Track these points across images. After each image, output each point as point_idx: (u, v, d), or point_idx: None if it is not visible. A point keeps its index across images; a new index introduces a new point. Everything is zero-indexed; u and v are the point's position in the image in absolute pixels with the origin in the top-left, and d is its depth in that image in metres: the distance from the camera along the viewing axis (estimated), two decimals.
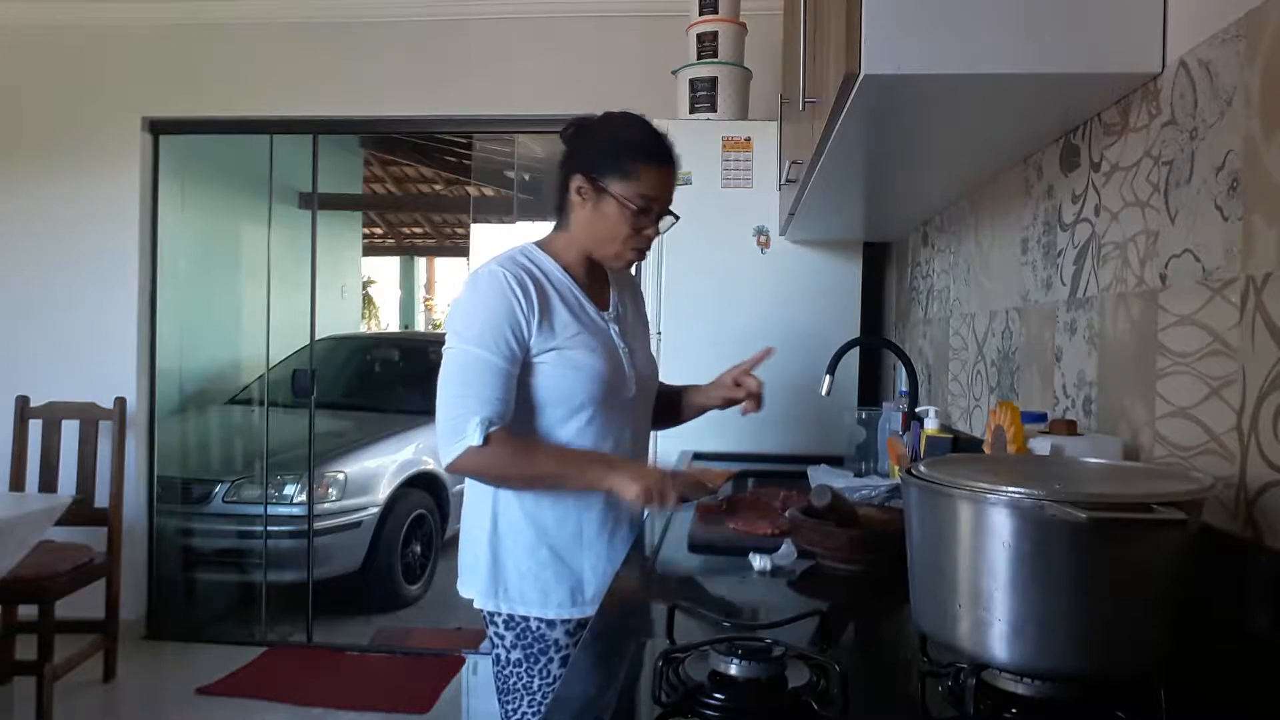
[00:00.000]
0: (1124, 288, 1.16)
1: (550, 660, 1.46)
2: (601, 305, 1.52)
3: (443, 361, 1.41)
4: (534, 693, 1.45)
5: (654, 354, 1.75)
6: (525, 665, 1.46)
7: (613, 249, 1.47)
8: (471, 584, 1.49)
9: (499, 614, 1.47)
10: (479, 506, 1.49)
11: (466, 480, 1.51)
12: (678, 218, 1.50)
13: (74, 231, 3.70)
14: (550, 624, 1.45)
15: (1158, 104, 1.08)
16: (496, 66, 3.53)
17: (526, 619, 1.45)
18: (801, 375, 2.59)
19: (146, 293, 3.76)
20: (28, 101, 3.71)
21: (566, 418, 1.45)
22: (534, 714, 1.46)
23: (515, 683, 1.46)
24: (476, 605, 1.48)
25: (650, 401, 1.64)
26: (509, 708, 1.48)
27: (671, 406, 1.74)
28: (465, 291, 1.43)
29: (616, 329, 1.52)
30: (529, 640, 1.46)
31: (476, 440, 1.34)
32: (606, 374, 1.44)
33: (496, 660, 1.49)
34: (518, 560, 1.45)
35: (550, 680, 1.45)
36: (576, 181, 1.45)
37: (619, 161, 1.42)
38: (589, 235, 1.47)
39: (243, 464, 4.27)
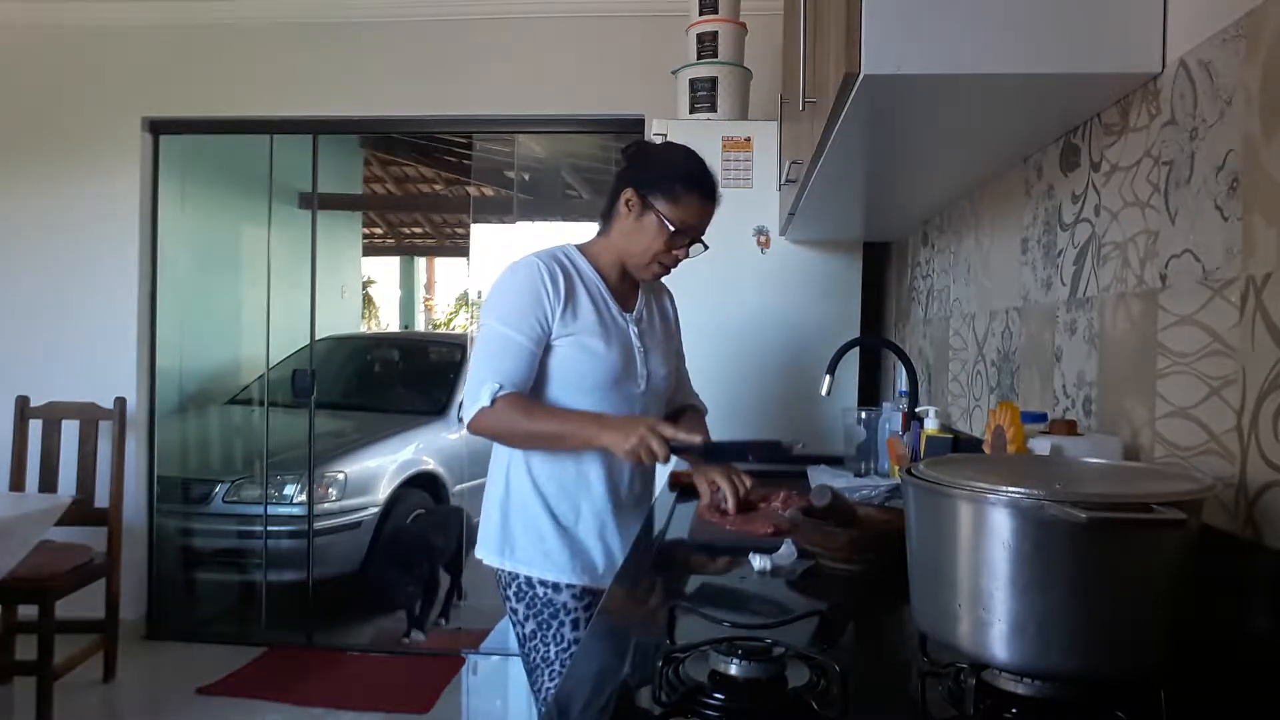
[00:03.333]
0: (1124, 288, 1.16)
1: (562, 625, 1.57)
2: (626, 308, 1.67)
3: (477, 338, 1.60)
4: (552, 663, 1.56)
5: (687, 376, 1.91)
6: (540, 635, 1.57)
7: (643, 261, 1.62)
8: (485, 545, 1.65)
9: (511, 581, 1.60)
10: (496, 474, 1.66)
11: (491, 454, 1.69)
12: (707, 246, 1.65)
13: (74, 231, 3.71)
14: (555, 588, 1.58)
15: (1158, 104, 1.08)
16: (496, 66, 3.53)
17: (533, 585, 1.58)
18: (801, 375, 2.59)
19: (146, 293, 3.76)
20: (28, 101, 3.71)
21: (577, 398, 1.59)
22: (555, 687, 1.54)
23: (535, 658, 1.57)
24: (487, 563, 1.63)
25: (662, 401, 1.76)
26: (535, 685, 1.58)
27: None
28: (503, 276, 1.59)
29: (636, 330, 1.66)
30: (539, 607, 1.58)
31: (486, 402, 1.51)
32: (616, 364, 1.59)
33: (519, 640, 1.60)
34: (524, 525, 1.61)
35: (564, 645, 1.56)
36: (627, 193, 1.60)
37: (670, 184, 1.57)
38: (625, 243, 1.62)
39: (243, 464, 4.27)
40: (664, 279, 1.73)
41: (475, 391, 1.53)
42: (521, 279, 1.57)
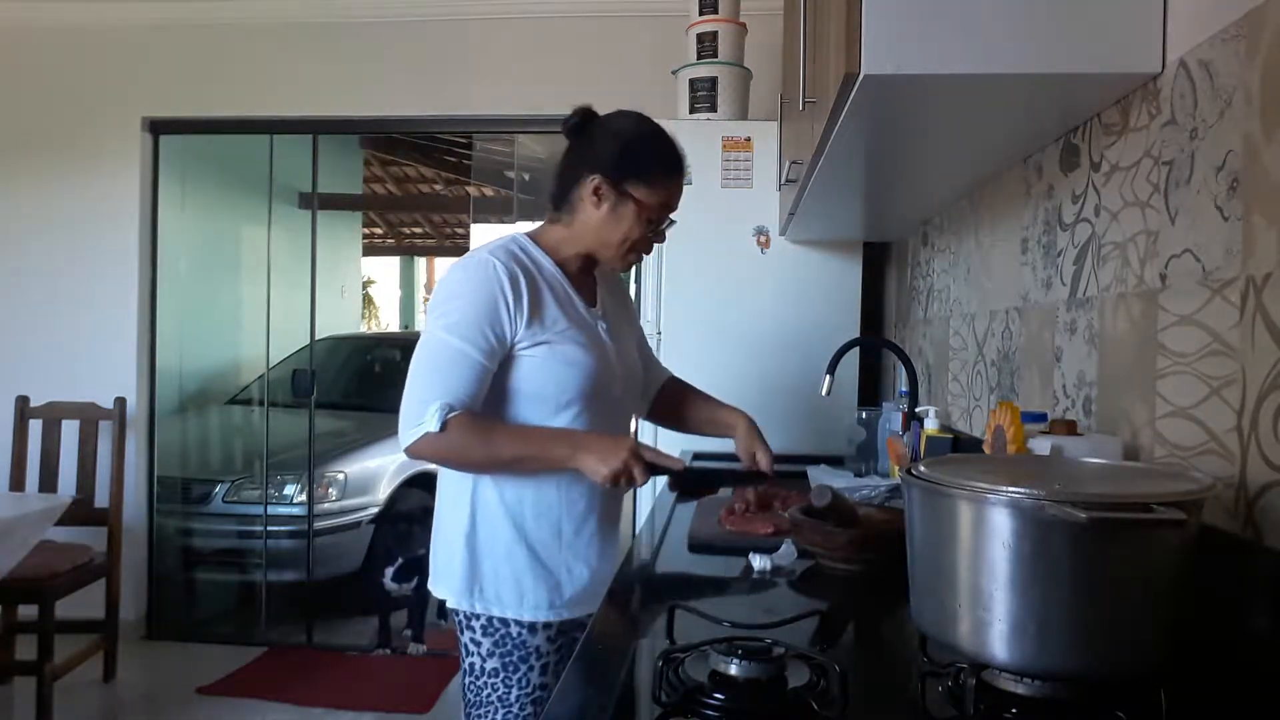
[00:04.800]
0: (1124, 288, 1.16)
1: (531, 669, 1.40)
2: (590, 302, 1.50)
3: (419, 344, 1.39)
4: (510, 705, 1.39)
5: (652, 351, 1.78)
6: (503, 675, 1.40)
7: (620, 251, 1.46)
8: (446, 583, 1.44)
9: (476, 617, 1.42)
10: (456, 503, 1.45)
11: (441, 476, 1.49)
12: (674, 221, 1.51)
13: (74, 232, 3.70)
14: (531, 629, 1.40)
15: (1158, 104, 1.08)
16: (496, 66, 3.53)
17: (506, 624, 1.40)
18: (801, 375, 2.59)
19: (146, 292, 3.76)
20: (28, 101, 3.71)
21: (554, 413, 1.41)
22: None
23: (489, 695, 1.40)
24: (451, 605, 1.43)
25: (635, 399, 1.63)
26: None
27: (691, 416, 1.74)
28: (452, 275, 1.40)
29: (604, 326, 1.50)
30: (509, 648, 1.40)
31: (434, 426, 1.31)
32: (596, 370, 1.42)
33: (470, 670, 1.42)
34: (495, 560, 1.41)
35: (530, 690, 1.39)
36: (594, 181, 1.41)
37: (645, 168, 1.42)
38: (597, 235, 1.45)
39: (243, 464, 4.27)
40: (641, 279, 1.65)
41: (418, 411, 1.33)
42: (477, 282, 1.36)
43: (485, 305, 1.35)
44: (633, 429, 1.70)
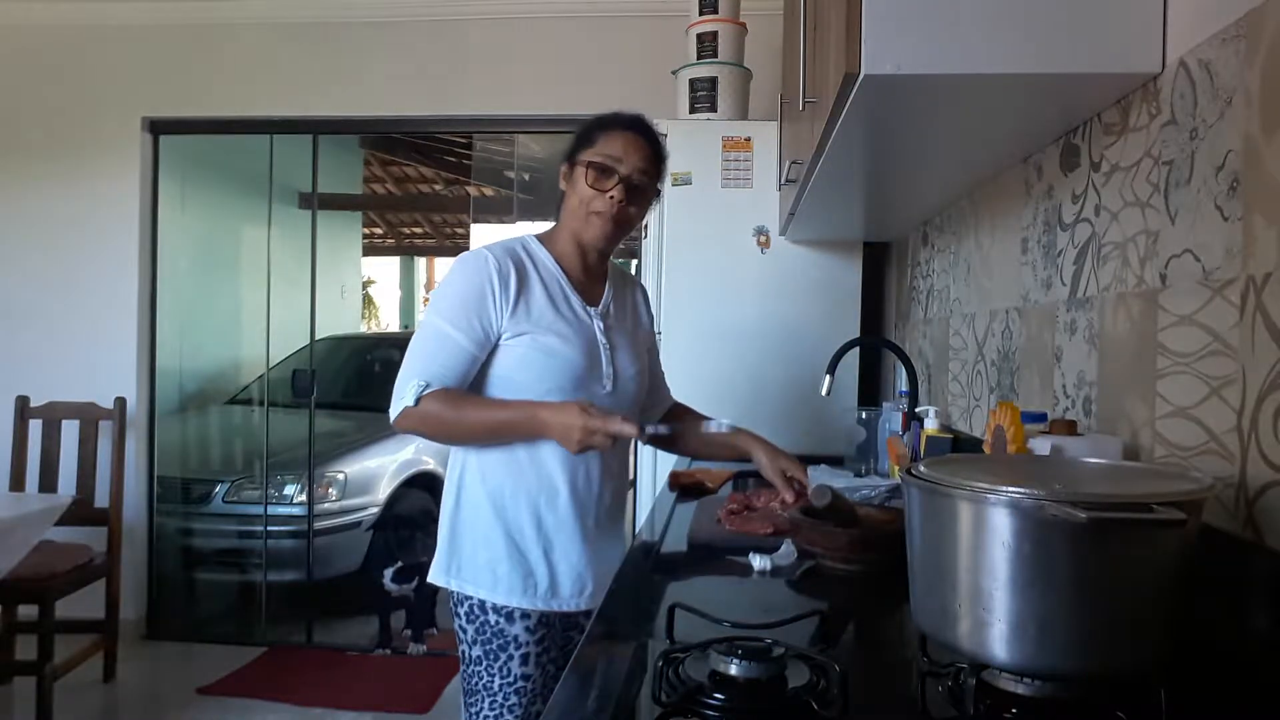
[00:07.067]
0: (1124, 288, 1.16)
1: (510, 658, 1.45)
2: (591, 301, 1.55)
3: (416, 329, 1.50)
4: (494, 693, 1.45)
5: (663, 375, 1.77)
6: (485, 663, 1.46)
7: (582, 217, 1.49)
8: (435, 562, 1.54)
9: (460, 603, 1.49)
10: (449, 484, 1.55)
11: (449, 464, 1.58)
12: (660, 193, 1.56)
13: (74, 231, 3.71)
14: (509, 617, 1.45)
15: (1158, 104, 1.08)
16: (496, 66, 3.53)
17: (485, 610, 1.47)
18: (801, 375, 2.60)
19: (146, 293, 3.77)
20: (28, 101, 3.72)
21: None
22: (495, 716, 1.44)
23: (477, 683, 1.47)
24: (430, 580, 1.53)
25: (633, 403, 1.60)
26: (472, 710, 1.47)
27: (697, 439, 1.71)
28: (453, 267, 1.50)
29: (601, 325, 1.53)
30: (488, 635, 1.46)
31: (410, 400, 1.41)
32: (578, 364, 1.46)
33: (463, 658, 1.50)
34: (474, 541, 1.49)
35: (511, 679, 1.44)
36: (562, 169, 1.54)
37: (587, 135, 1.51)
38: (569, 214, 1.53)
39: (243, 464, 4.27)
40: (641, 279, 1.68)
41: (401, 388, 1.43)
42: (469, 274, 1.45)
43: (474, 293, 1.44)
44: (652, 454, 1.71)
